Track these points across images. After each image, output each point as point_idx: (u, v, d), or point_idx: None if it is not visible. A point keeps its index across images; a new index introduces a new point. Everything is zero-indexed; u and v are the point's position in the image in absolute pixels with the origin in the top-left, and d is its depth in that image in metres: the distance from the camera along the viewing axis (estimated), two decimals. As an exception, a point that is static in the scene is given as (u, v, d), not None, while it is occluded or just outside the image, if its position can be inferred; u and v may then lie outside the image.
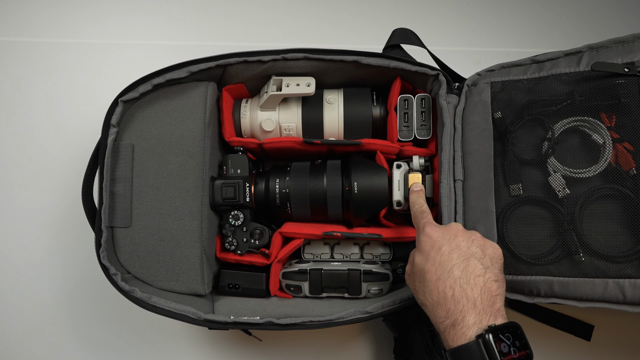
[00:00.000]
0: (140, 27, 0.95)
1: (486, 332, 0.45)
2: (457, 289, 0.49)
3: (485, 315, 0.47)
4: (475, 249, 0.52)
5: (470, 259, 0.51)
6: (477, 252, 0.52)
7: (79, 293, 0.84)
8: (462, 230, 0.55)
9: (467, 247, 0.52)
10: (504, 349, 0.45)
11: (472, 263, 0.50)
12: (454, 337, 0.47)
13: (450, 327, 0.48)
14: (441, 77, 0.69)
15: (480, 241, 0.54)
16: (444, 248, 0.52)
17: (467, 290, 0.48)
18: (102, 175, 0.66)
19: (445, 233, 0.54)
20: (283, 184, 0.70)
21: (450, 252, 0.52)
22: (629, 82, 0.58)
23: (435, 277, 0.51)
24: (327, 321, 0.64)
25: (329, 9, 0.97)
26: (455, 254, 0.51)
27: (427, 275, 0.52)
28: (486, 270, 0.50)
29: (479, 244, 0.53)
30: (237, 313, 0.68)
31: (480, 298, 0.48)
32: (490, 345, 0.44)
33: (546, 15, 0.96)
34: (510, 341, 0.46)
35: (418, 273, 0.54)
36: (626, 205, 0.57)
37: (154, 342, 0.83)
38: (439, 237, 0.54)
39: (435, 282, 0.50)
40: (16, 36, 0.93)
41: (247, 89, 0.75)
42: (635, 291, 0.55)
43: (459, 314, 0.47)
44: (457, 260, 0.51)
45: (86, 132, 0.89)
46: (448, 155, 0.67)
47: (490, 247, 0.54)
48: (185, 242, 0.67)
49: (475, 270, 0.50)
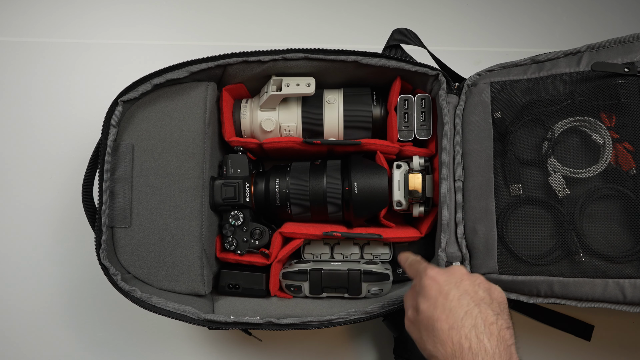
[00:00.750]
0: (140, 27, 0.95)
1: None
2: (473, 340, 0.45)
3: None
4: (483, 294, 0.49)
5: (480, 304, 0.48)
6: (486, 297, 0.49)
7: (79, 293, 0.84)
8: (466, 274, 0.52)
9: (474, 291, 0.49)
10: None
11: (483, 309, 0.47)
12: None
13: None
14: (441, 77, 0.69)
15: (486, 284, 0.51)
16: (452, 293, 0.49)
17: (484, 342, 0.45)
18: (102, 175, 0.66)
19: (451, 276, 0.51)
20: (283, 184, 0.70)
21: (460, 297, 0.48)
22: (629, 82, 0.58)
23: (447, 326, 0.46)
24: (327, 321, 0.64)
25: (329, 9, 0.97)
26: (464, 300, 0.48)
27: (437, 324, 0.47)
28: (497, 317, 0.47)
29: (485, 288, 0.51)
30: (237, 313, 0.68)
31: (497, 349, 0.45)
32: None
33: (546, 15, 0.96)
34: None
35: (425, 321, 0.49)
36: (626, 205, 0.57)
37: (154, 342, 0.83)
38: (445, 281, 0.50)
39: (448, 331, 0.46)
40: (16, 36, 0.93)
41: (247, 89, 0.75)
42: (635, 291, 0.55)
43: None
44: (468, 307, 0.47)
45: (86, 132, 0.89)
46: (448, 155, 0.67)
47: (496, 291, 0.51)
48: (185, 242, 0.67)
49: (488, 317, 0.47)
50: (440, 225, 0.66)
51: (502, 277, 0.62)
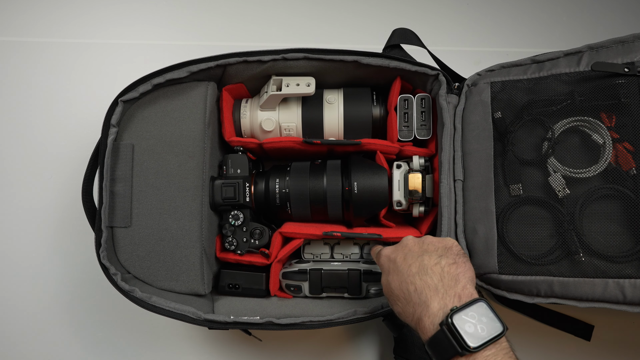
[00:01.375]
0: (140, 27, 0.95)
1: (448, 316, 0.45)
2: (417, 282, 0.49)
3: (448, 297, 0.47)
4: (427, 246, 0.54)
5: (423, 254, 0.52)
6: (429, 247, 0.54)
7: (79, 293, 0.84)
8: (412, 238, 0.57)
9: (419, 247, 0.54)
10: (469, 329, 0.44)
11: (426, 257, 0.52)
12: (425, 329, 0.47)
13: (419, 320, 0.48)
14: (441, 77, 0.69)
15: (432, 239, 0.55)
16: (399, 257, 0.54)
17: (426, 280, 0.49)
18: (102, 175, 0.66)
19: (397, 246, 0.56)
20: (283, 184, 0.70)
21: (405, 257, 0.53)
22: (629, 82, 0.58)
23: (398, 283, 0.52)
24: (327, 321, 0.64)
25: (329, 9, 0.97)
26: (409, 256, 0.53)
27: (391, 285, 0.53)
28: (441, 258, 0.51)
29: (430, 242, 0.55)
30: (237, 313, 0.68)
31: (441, 282, 0.48)
32: (454, 329, 0.44)
33: (546, 15, 0.96)
34: (476, 319, 0.45)
35: (386, 289, 0.55)
36: (626, 205, 0.57)
37: (154, 342, 0.83)
38: (392, 251, 0.56)
39: (399, 286, 0.51)
40: (16, 36, 0.93)
41: (247, 89, 0.75)
42: (635, 291, 0.55)
43: (424, 303, 0.48)
44: (412, 260, 0.52)
45: (86, 132, 0.89)
46: (448, 155, 0.67)
47: (443, 240, 0.55)
48: (185, 242, 0.67)
49: (431, 260, 0.51)
50: (440, 225, 0.66)
51: (502, 277, 0.62)
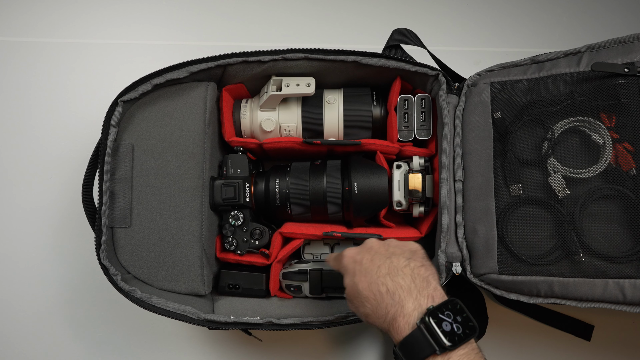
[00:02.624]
0: (140, 27, 0.95)
1: (425, 315, 0.45)
2: (389, 283, 0.49)
3: (422, 297, 0.48)
4: (394, 249, 0.54)
5: (391, 256, 0.52)
6: (396, 250, 0.54)
7: (79, 293, 0.84)
8: (376, 240, 0.57)
9: (385, 249, 0.54)
10: (446, 328, 0.45)
11: (394, 259, 0.52)
12: (399, 330, 0.47)
13: (393, 320, 0.47)
14: (441, 77, 0.69)
15: (396, 242, 0.56)
16: (365, 258, 0.54)
17: (398, 281, 0.49)
18: (102, 175, 0.66)
19: (362, 247, 0.56)
20: (283, 184, 0.70)
21: (372, 258, 0.53)
22: (629, 82, 0.58)
23: (366, 284, 0.51)
24: (327, 321, 0.64)
25: (329, 9, 0.97)
26: (377, 258, 0.53)
27: (358, 286, 0.52)
28: (409, 261, 0.52)
29: (396, 244, 0.55)
30: (237, 313, 0.68)
31: (413, 283, 0.49)
32: (432, 328, 0.45)
33: (546, 15, 0.96)
34: (452, 318, 0.46)
35: (350, 291, 0.53)
36: (626, 205, 0.57)
37: (154, 342, 0.83)
38: (357, 252, 0.55)
39: (368, 287, 0.51)
40: (16, 36, 0.93)
41: (247, 89, 0.75)
42: (635, 291, 0.55)
43: (398, 304, 0.48)
44: (380, 261, 0.52)
45: (86, 132, 0.89)
46: (448, 156, 0.67)
47: (408, 244, 0.56)
48: (185, 242, 0.67)
49: (400, 262, 0.51)
50: (440, 225, 0.66)
51: (502, 277, 0.62)
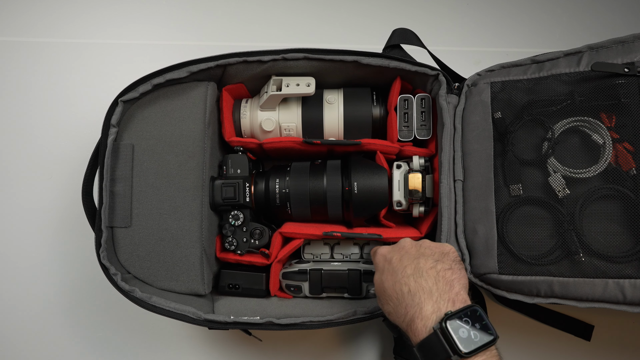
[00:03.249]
0: (140, 27, 0.95)
1: (442, 320, 0.45)
2: (412, 284, 0.49)
3: (442, 301, 0.47)
4: (424, 250, 0.54)
5: (420, 257, 0.52)
6: (426, 251, 0.54)
7: (79, 293, 0.84)
8: (410, 240, 0.57)
9: (416, 250, 0.55)
10: (463, 334, 0.44)
11: (422, 260, 0.52)
12: (416, 332, 0.47)
13: (411, 321, 0.47)
14: (441, 77, 0.69)
15: (429, 243, 0.56)
16: (395, 257, 0.54)
17: (421, 283, 0.49)
18: (102, 175, 0.66)
19: (395, 246, 0.57)
20: (283, 184, 0.70)
21: (401, 258, 0.53)
22: (629, 82, 0.58)
23: (392, 282, 0.52)
24: (327, 321, 0.64)
25: (329, 9, 0.97)
26: (405, 258, 0.53)
27: (384, 284, 0.53)
28: (437, 263, 0.51)
29: (427, 246, 0.55)
30: (237, 313, 0.68)
31: (435, 286, 0.49)
32: (448, 334, 0.44)
33: (546, 15, 0.96)
34: (469, 325, 0.45)
35: (378, 288, 0.55)
36: (626, 205, 0.57)
37: (154, 342, 0.83)
38: (389, 251, 0.56)
39: (393, 286, 0.51)
40: (16, 36, 0.93)
41: (247, 89, 0.75)
42: (635, 291, 0.55)
43: (417, 306, 0.48)
44: (408, 262, 0.52)
45: (86, 132, 0.89)
46: (448, 156, 0.67)
47: (441, 246, 0.55)
48: (185, 242, 0.67)
49: (427, 264, 0.51)
50: (440, 225, 0.66)
51: (502, 277, 0.62)
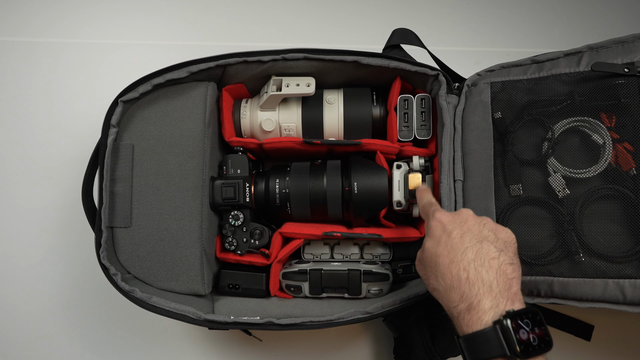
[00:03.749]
0: (140, 27, 0.95)
1: (504, 317, 0.43)
2: (471, 272, 0.47)
3: (502, 299, 0.45)
4: (488, 233, 0.51)
5: (483, 241, 0.49)
6: (490, 235, 0.51)
7: (79, 293, 0.84)
8: (472, 215, 0.53)
9: (479, 230, 0.51)
10: (523, 336, 0.43)
11: (485, 246, 0.49)
12: (469, 323, 0.45)
13: (466, 311, 0.46)
14: (441, 77, 0.69)
15: (492, 225, 0.52)
16: (456, 232, 0.51)
17: (482, 273, 0.47)
18: (102, 175, 0.66)
19: (456, 217, 0.53)
20: (283, 184, 0.70)
21: (463, 235, 0.50)
22: (629, 82, 0.58)
23: (448, 260, 0.49)
24: (327, 321, 0.64)
25: (329, 9, 0.97)
26: (467, 237, 0.50)
27: (439, 259, 0.50)
28: (500, 253, 0.49)
29: (491, 228, 0.52)
30: (237, 313, 0.68)
31: (496, 281, 0.46)
32: (509, 332, 0.43)
33: (546, 15, 0.96)
34: (530, 327, 0.44)
35: (429, 258, 0.52)
36: (626, 205, 0.57)
37: (154, 342, 0.83)
38: (450, 221, 0.52)
39: (449, 265, 0.49)
40: (16, 36, 0.93)
41: (247, 89, 0.75)
42: (635, 291, 0.55)
43: (474, 297, 0.45)
44: (470, 243, 0.49)
45: (86, 132, 0.89)
46: (448, 156, 0.67)
47: (503, 232, 0.52)
48: (185, 242, 0.67)
49: (490, 252, 0.48)
50: (440, 225, 0.66)
51: (502, 277, 0.62)
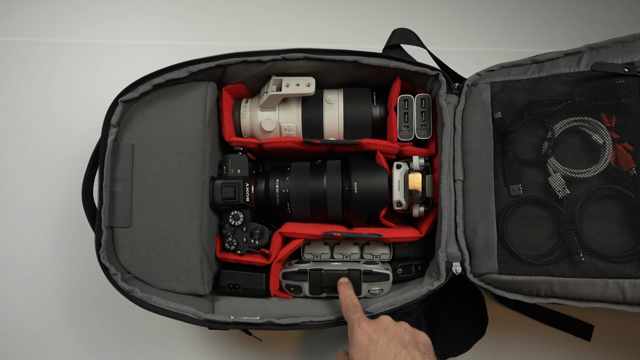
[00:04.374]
0: (140, 27, 0.95)
1: None
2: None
3: None
4: (410, 338, 0.56)
5: (408, 346, 0.54)
6: (412, 340, 0.55)
7: (79, 293, 0.84)
8: (392, 322, 0.57)
9: (401, 336, 0.55)
10: None
11: (410, 350, 0.53)
12: None
13: None
14: (441, 77, 0.69)
15: (410, 330, 0.57)
16: (382, 340, 0.54)
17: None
18: (102, 175, 0.66)
19: (379, 325, 0.57)
20: (283, 184, 0.70)
21: (389, 342, 0.54)
22: (629, 82, 0.58)
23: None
24: (327, 321, 0.64)
25: (329, 9, 0.97)
26: (393, 344, 0.54)
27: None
28: (424, 356, 0.53)
29: (410, 332, 0.56)
30: (237, 313, 0.68)
31: None
32: None
33: (546, 15, 0.96)
34: None
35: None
36: (626, 205, 0.57)
37: (154, 342, 0.83)
38: (374, 329, 0.56)
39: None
40: (16, 36, 0.93)
41: (247, 89, 0.75)
42: (635, 291, 0.55)
43: None
44: (397, 349, 0.53)
45: (86, 132, 0.89)
46: (448, 156, 0.67)
47: (421, 335, 0.57)
48: (185, 242, 0.67)
49: (416, 357, 0.52)
50: (440, 225, 0.66)
51: (502, 277, 0.62)
